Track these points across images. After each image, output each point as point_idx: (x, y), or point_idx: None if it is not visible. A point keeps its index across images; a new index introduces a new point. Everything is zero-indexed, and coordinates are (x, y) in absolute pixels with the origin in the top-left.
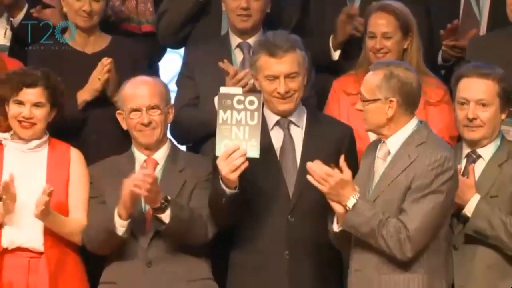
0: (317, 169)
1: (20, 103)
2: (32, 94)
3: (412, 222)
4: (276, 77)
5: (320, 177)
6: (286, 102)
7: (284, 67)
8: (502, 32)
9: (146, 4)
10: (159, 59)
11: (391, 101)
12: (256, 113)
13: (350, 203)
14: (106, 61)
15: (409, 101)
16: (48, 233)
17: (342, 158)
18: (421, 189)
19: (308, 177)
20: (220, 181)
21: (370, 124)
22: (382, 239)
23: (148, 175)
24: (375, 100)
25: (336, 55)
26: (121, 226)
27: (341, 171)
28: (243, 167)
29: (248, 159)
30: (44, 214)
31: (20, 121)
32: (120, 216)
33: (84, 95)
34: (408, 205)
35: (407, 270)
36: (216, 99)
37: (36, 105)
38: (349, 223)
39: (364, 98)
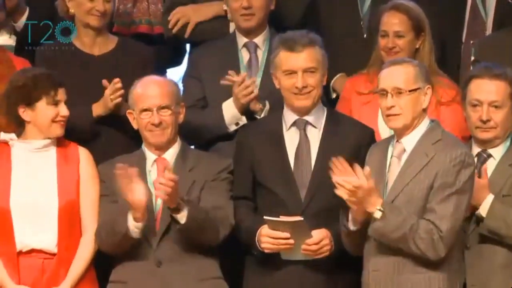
0: (345, 184)
1: (58, 102)
2: (64, 93)
3: (443, 222)
4: (294, 72)
5: (349, 190)
6: (303, 98)
7: (302, 61)
8: (508, 32)
9: (157, 5)
10: (180, 61)
11: (428, 88)
12: None
13: (378, 214)
14: (117, 84)
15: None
16: (62, 234)
17: (366, 168)
18: (446, 187)
19: (337, 191)
20: (256, 241)
21: (407, 117)
22: (413, 242)
23: (171, 179)
24: (415, 90)
25: (334, 95)
26: (136, 228)
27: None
28: (281, 248)
29: (261, 163)
30: None
31: (59, 121)
32: (135, 219)
33: (99, 110)
34: (436, 204)
35: (428, 270)
36: (224, 106)
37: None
38: (379, 232)
39: (402, 90)
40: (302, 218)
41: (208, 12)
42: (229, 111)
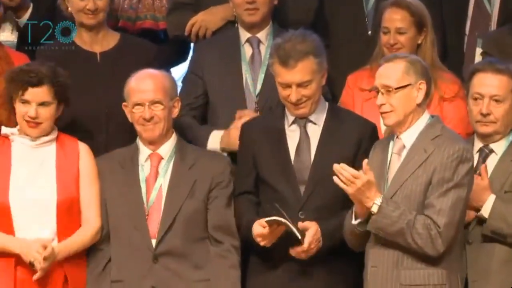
0: (344, 171)
1: (26, 102)
2: (37, 94)
3: (441, 217)
4: (288, 86)
5: (347, 179)
6: (299, 108)
7: (295, 77)
8: None
9: (162, 0)
10: (186, 57)
11: (421, 83)
12: None
13: (375, 207)
14: None
15: (429, 87)
16: (61, 230)
17: (365, 161)
18: (444, 183)
19: (335, 178)
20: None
21: (399, 113)
22: (411, 237)
23: None
24: (405, 86)
25: None
26: None
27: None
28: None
29: (262, 159)
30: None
31: (27, 121)
32: None
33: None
34: (434, 200)
35: (428, 266)
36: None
37: (42, 104)
38: (376, 225)
39: (390, 88)
40: (300, 237)
41: (221, 17)
42: (214, 141)
